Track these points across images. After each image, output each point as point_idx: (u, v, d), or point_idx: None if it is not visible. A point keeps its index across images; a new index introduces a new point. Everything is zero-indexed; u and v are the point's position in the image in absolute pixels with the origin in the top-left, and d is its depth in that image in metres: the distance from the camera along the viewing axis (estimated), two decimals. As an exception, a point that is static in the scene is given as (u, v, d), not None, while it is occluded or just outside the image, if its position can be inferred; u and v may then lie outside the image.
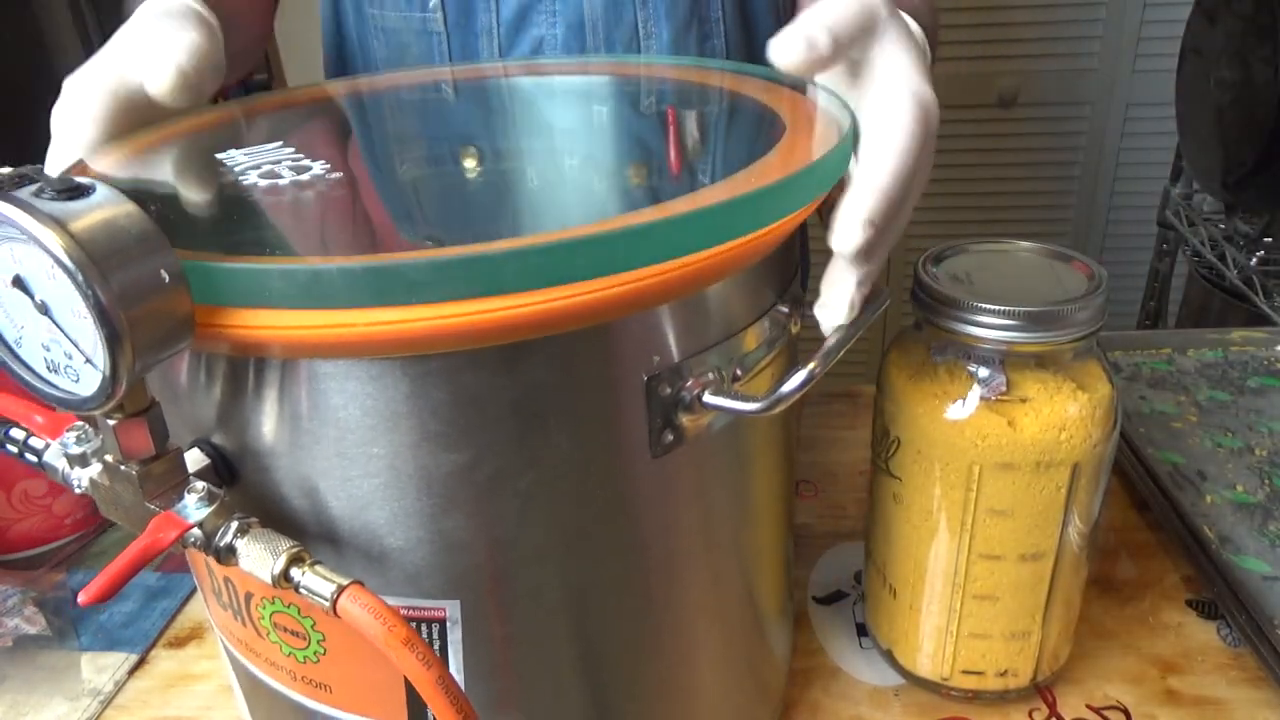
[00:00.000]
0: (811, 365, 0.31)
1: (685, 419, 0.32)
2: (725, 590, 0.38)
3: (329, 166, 0.37)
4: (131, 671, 0.52)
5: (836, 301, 0.34)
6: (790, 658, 0.48)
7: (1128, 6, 1.71)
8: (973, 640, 0.45)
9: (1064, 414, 0.40)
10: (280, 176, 0.35)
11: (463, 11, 0.62)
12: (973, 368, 0.40)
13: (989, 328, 0.39)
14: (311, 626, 0.32)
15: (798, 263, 0.40)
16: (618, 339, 0.30)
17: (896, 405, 0.43)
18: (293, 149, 0.38)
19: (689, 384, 0.31)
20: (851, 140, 0.34)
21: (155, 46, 0.39)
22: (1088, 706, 0.47)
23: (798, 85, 0.42)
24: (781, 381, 0.31)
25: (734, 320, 0.33)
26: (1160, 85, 1.57)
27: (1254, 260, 1.30)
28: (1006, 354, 0.40)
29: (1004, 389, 0.40)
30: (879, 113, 0.34)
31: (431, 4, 0.61)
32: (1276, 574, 0.52)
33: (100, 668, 0.52)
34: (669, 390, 0.31)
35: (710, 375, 0.32)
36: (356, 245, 0.33)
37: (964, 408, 0.40)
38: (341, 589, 0.26)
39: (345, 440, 0.28)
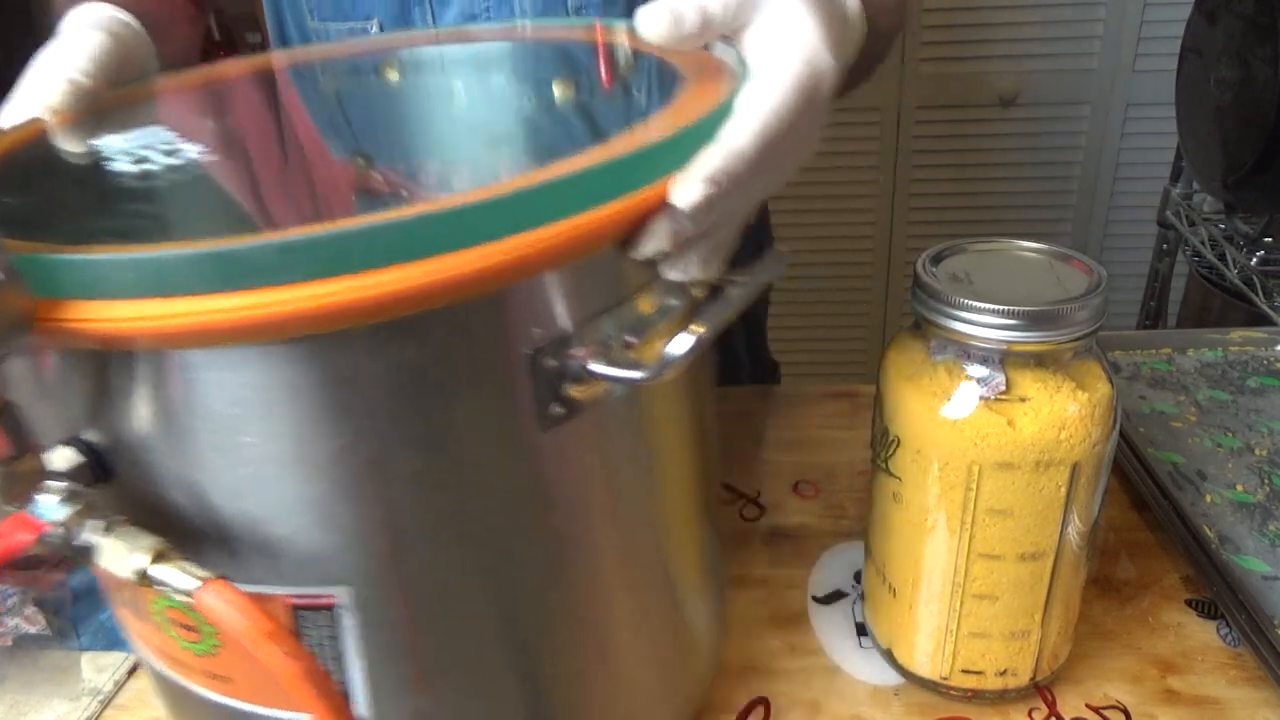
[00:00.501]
0: (699, 330, 0.31)
1: (575, 390, 0.31)
2: (634, 562, 0.38)
3: (207, 150, 0.36)
4: (131, 671, 0.52)
5: (652, 248, 0.31)
6: (721, 636, 0.48)
7: (1128, 6, 1.71)
8: (972, 640, 0.45)
9: (1064, 413, 0.40)
10: (152, 161, 0.35)
11: (400, 29, 0.62)
12: (972, 367, 0.40)
13: (988, 327, 0.39)
14: (203, 620, 0.31)
15: None
16: (493, 312, 0.29)
17: (895, 405, 0.43)
18: (175, 131, 0.38)
19: (576, 354, 0.30)
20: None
21: (53, 65, 0.41)
22: (1087, 706, 0.47)
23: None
24: (669, 346, 0.30)
25: (623, 286, 0.32)
26: (1160, 85, 1.57)
27: (1254, 260, 1.30)
28: (1006, 354, 0.40)
29: (1003, 388, 0.40)
30: (759, 69, 0.32)
31: (371, 32, 0.62)
32: (1276, 574, 0.52)
33: (100, 667, 0.52)
34: (554, 361, 0.30)
35: (599, 344, 0.31)
36: (222, 231, 0.33)
37: (963, 407, 0.40)
38: (203, 584, 0.26)
39: (216, 431, 0.28)
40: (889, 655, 0.49)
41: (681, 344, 0.30)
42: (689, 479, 0.40)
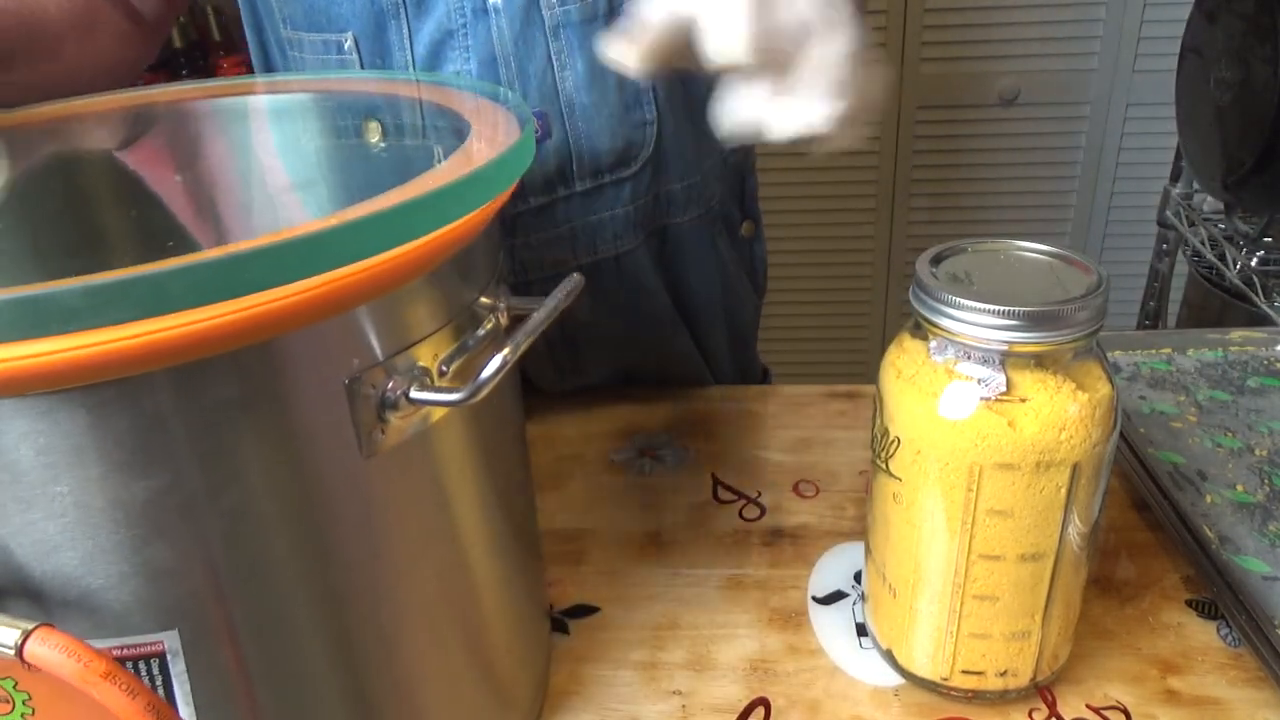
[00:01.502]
0: (504, 352, 0.33)
1: (394, 417, 0.32)
2: (459, 584, 0.39)
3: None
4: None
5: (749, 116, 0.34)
6: (546, 656, 0.49)
7: (1128, 6, 1.71)
8: (972, 640, 0.45)
9: (1064, 414, 0.40)
10: None
11: (377, 52, 0.62)
12: (972, 368, 0.40)
13: (988, 328, 0.39)
14: (13, 687, 0.30)
15: (499, 256, 0.41)
16: (307, 347, 0.30)
17: (896, 405, 0.43)
18: None
19: (393, 384, 0.32)
20: (527, 143, 0.36)
21: None
22: (1088, 706, 0.47)
23: (488, 94, 0.44)
24: (480, 370, 0.32)
25: (434, 318, 0.34)
26: (1160, 85, 1.57)
27: (1254, 260, 1.30)
28: (1006, 354, 0.40)
29: (1004, 389, 0.40)
30: None
31: (346, 46, 0.62)
32: (1276, 574, 0.52)
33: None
34: (373, 391, 0.31)
35: (414, 372, 0.33)
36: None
37: (963, 408, 0.40)
38: (27, 634, 0.25)
39: (22, 483, 0.27)
40: (889, 656, 0.49)
41: (492, 366, 0.33)
42: (506, 499, 0.42)
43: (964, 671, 0.46)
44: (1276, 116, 1.08)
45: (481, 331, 0.37)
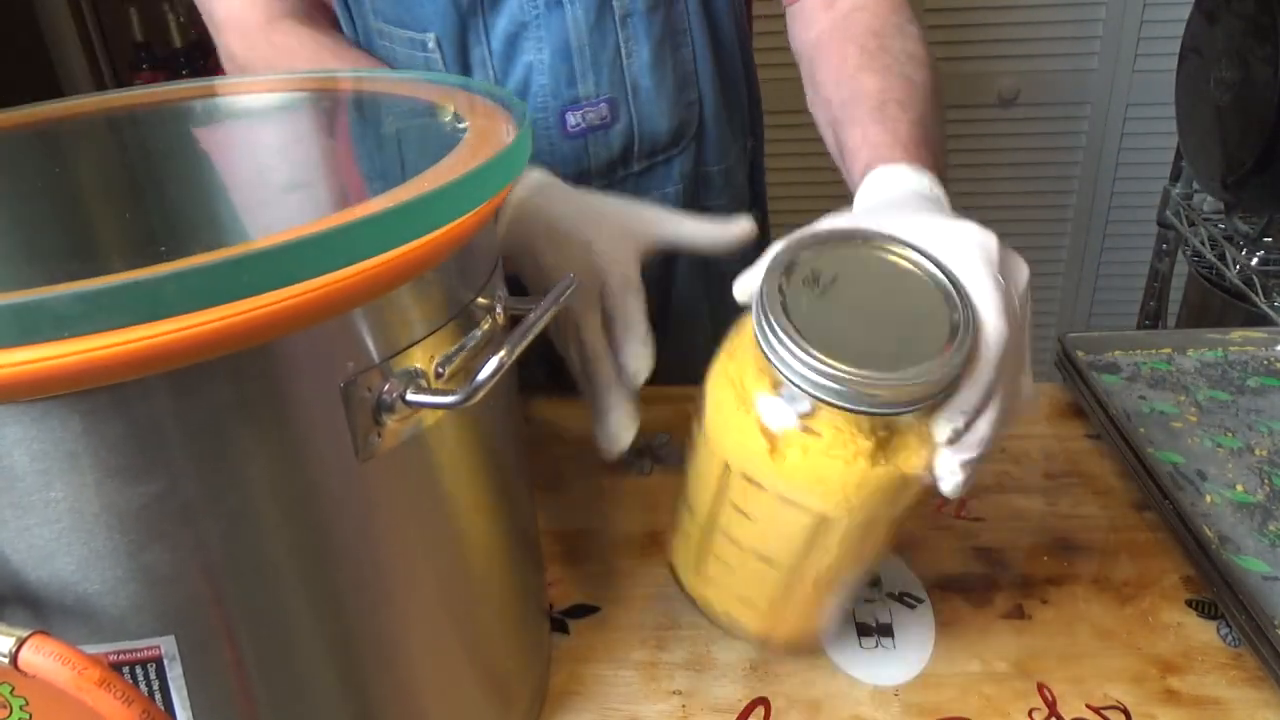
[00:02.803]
0: (501, 353, 0.33)
1: (391, 420, 0.32)
2: (458, 586, 0.39)
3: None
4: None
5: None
6: (546, 656, 0.49)
7: (1128, 6, 1.71)
8: (712, 577, 0.46)
9: (829, 471, 0.37)
10: None
11: (458, 46, 0.64)
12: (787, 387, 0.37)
13: (790, 369, 0.35)
14: (10, 692, 0.30)
15: (497, 257, 0.41)
16: (301, 351, 0.29)
17: (715, 367, 0.41)
18: None
19: (389, 386, 0.32)
20: (523, 143, 0.35)
21: None
22: (1087, 706, 0.47)
23: (485, 92, 0.44)
24: (477, 371, 0.32)
25: (430, 319, 0.34)
26: (1160, 85, 1.57)
27: (1254, 260, 1.30)
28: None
29: (793, 422, 0.37)
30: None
31: (430, 45, 0.64)
32: (1276, 574, 0.52)
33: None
34: (368, 394, 0.31)
35: (410, 374, 0.32)
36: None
37: (742, 410, 0.39)
38: (21, 641, 0.25)
39: (16, 489, 0.27)
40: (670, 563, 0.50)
41: (488, 368, 0.33)
42: (504, 500, 0.42)
43: (702, 594, 0.48)
44: (1276, 116, 1.08)
45: (479, 332, 0.37)
